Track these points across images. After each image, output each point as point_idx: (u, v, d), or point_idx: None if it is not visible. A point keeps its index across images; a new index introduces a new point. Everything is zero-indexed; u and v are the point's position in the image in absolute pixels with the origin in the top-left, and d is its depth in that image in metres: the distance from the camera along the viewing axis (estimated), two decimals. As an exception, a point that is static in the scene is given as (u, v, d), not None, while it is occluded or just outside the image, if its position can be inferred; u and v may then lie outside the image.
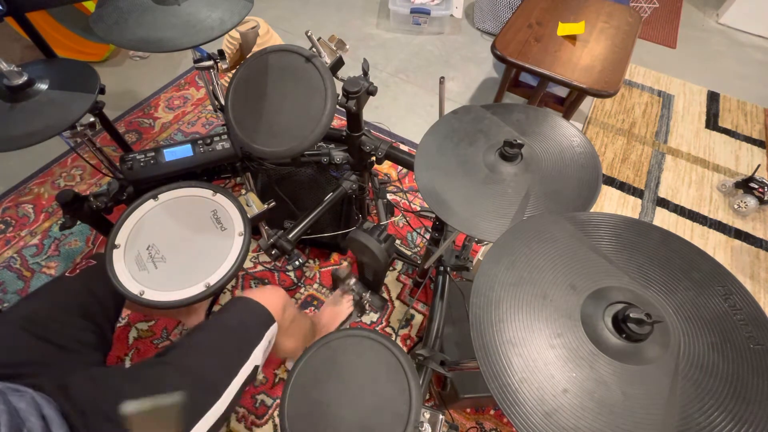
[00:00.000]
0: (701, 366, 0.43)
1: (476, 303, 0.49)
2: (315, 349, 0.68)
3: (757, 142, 1.94)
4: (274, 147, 0.82)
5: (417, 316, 1.34)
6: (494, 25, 2.28)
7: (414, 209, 1.59)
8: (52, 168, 1.66)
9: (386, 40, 2.31)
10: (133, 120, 1.83)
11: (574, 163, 0.70)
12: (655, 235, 0.54)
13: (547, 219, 0.57)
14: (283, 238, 0.98)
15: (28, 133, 0.78)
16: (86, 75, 0.91)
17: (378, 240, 0.91)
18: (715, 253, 1.57)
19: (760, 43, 2.47)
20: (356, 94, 0.83)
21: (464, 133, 0.76)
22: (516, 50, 1.59)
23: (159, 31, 0.84)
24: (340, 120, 1.87)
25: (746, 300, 0.47)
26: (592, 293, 0.49)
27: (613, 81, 1.48)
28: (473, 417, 1.17)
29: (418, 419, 0.61)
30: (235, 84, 0.87)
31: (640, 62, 2.27)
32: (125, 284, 0.74)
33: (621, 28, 1.72)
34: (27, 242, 1.45)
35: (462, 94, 2.07)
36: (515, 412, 0.41)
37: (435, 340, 1.02)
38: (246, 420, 1.14)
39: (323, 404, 0.62)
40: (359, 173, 1.11)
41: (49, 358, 0.65)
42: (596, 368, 0.43)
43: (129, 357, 1.23)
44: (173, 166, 0.97)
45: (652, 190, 1.75)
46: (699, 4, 2.73)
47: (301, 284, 1.40)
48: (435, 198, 0.68)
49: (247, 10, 0.89)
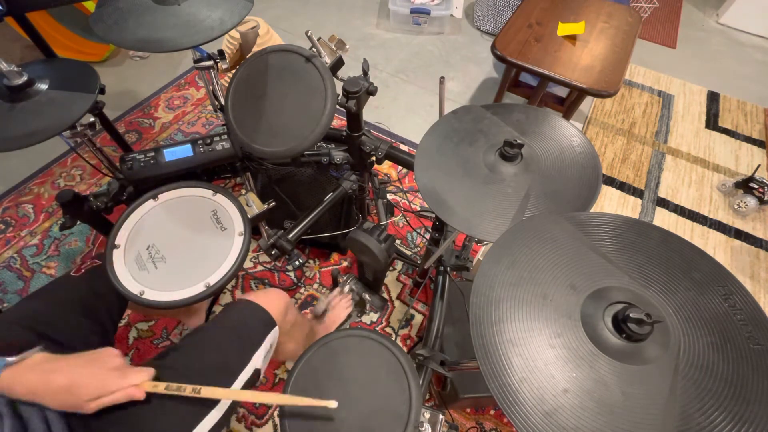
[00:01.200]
0: (701, 366, 0.43)
1: (476, 303, 0.49)
2: (315, 349, 0.68)
3: (757, 142, 1.94)
4: (274, 147, 0.82)
5: (417, 316, 1.34)
6: (494, 25, 2.28)
7: (414, 209, 1.59)
8: (52, 168, 1.66)
9: (386, 40, 2.31)
10: (133, 120, 1.83)
11: (574, 163, 0.70)
12: (655, 235, 0.54)
13: (547, 219, 0.57)
14: (283, 238, 0.98)
15: (28, 133, 0.78)
16: (86, 75, 0.91)
17: (378, 240, 0.91)
18: (715, 253, 1.57)
19: (760, 43, 2.48)
20: (356, 94, 0.83)
21: (464, 133, 0.76)
22: (516, 50, 1.59)
23: (159, 31, 0.84)
24: (340, 120, 1.87)
25: (746, 300, 0.47)
26: (592, 293, 0.49)
27: (613, 81, 1.48)
28: (473, 417, 1.17)
29: (418, 419, 0.61)
30: (235, 84, 0.87)
31: (640, 62, 2.27)
32: (125, 284, 0.74)
33: (621, 28, 1.72)
34: (27, 242, 1.45)
35: (462, 94, 2.07)
36: (515, 412, 0.41)
37: (435, 340, 1.02)
38: (246, 420, 1.14)
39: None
40: (359, 173, 1.11)
41: None
42: (596, 368, 0.43)
43: (129, 357, 1.22)
44: (173, 166, 0.97)
45: (652, 190, 1.75)
46: (699, 4, 2.73)
47: (301, 284, 1.40)
48: (435, 198, 0.68)
49: (247, 10, 0.89)
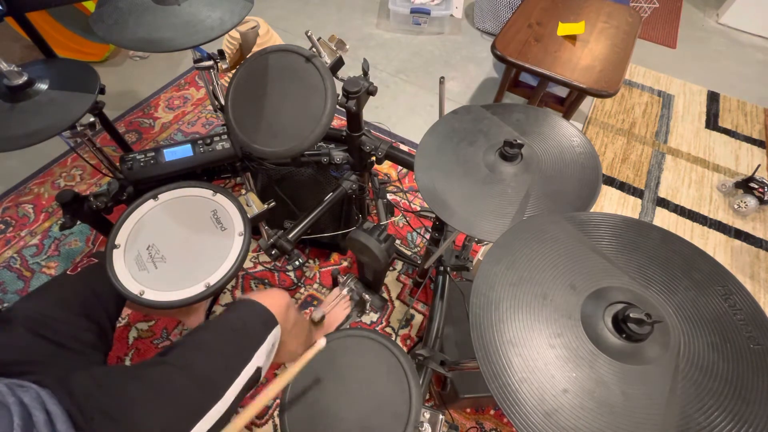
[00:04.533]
0: (701, 366, 0.43)
1: (476, 303, 0.49)
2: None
3: (757, 142, 1.94)
4: (274, 147, 0.82)
5: (417, 316, 1.34)
6: (494, 25, 2.28)
7: (414, 209, 1.59)
8: (52, 168, 1.66)
9: (386, 40, 2.31)
10: (133, 120, 1.83)
11: (574, 163, 0.70)
12: (655, 235, 0.54)
13: (547, 219, 0.57)
14: (283, 238, 0.98)
15: (28, 133, 0.78)
16: (86, 75, 0.91)
17: (378, 240, 0.91)
18: (715, 253, 1.57)
19: (760, 43, 2.47)
20: (356, 94, 0.83)
21: (464, 133, 0.76)
22: (516, 50, 1.59)
23: (159, 31, 0.84)
24: (340, 120, 1.87)
25: (746, 300, 0.46)
26: (592, 293, 0.49)
27: (613, 81, 1.48)
28: (473, 417, 1.17)
29: (418, 419, 0.61)
30: (235, 84, 0.87)
31: (640, 62, 2.27)
32: (125, 284, 0.74)
33: (621, 28, 1.72)
34: (27, 242, 1.45)
35: (462, 94, 2.07)
36: (515, 412, 0.41)
37: (435, 340, 1.02)
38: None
39: (323, 404, 0.62)
40: (359, 173, 1.11)
41: (49, 357, 0.65)
42: (596, 368, 0.43)
43: (129, 357, 1.22)
44: (173, 166, 0.97)
45: (652, 190, 1.75)
46: (699, 4, 2.73)
47: (301, 284, 1.40)
48: (435, 198, 0.68)
49: (247, 10, 0.89)
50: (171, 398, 0.61)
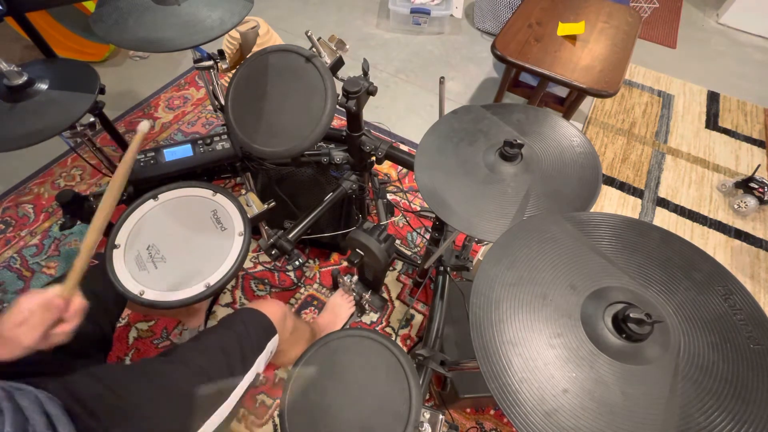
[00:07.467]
0: (701, 366, 0.43)
1: (476, 303, 0.49)
2: (315, 349, 0.68)
3: (757, 142, 1.94)
4: (274, 147, 0.82)
5: (417, 316, 1.34)
6: (494, 25, 2.28)
7: (414, 209, 1.59)
8: (52, 168, 1.66)
9: (386, 40, 2.31)
10: (133, 120, 1.83)
11: (574, 163, 0.70)
12: (655, 235, 0.54)
13: (547, 219, 0.57)
14: (283, 238, 0.98)
15: (28, 133, 0.78)
16: (86, 75, 0.91)
17: (378, 240, 0.91)
18: (715, 253, 1.57)
19: (760, 43, 2.47)
20: (356, 94, 0.83)
21: (464, 133, 0.76)
22: (516, 50, 1.59)
23: (159, 31, 0.84)
24: (340, 120, 1.87)
25: (746, 300, 0.46)
26: (592, 293, 0.48)
27: (613, 81, 1.48)
28: (473, 417, 1.17)
29: (418, 419, 0.61)
30: (235, 84, 0.87)
31: (640, 62, 2.27)
32: (125, 284, 0.74)
33: (621, 28, 1.72)
34: (27, 242, 1.44)
35: (462, 94, 2.07)
36: (515, 412, 0.41)
37: (435, 340, 1.02)
38: (246, 420, 1.14)
39: (323, 404, 0.62)
40: (359, 173, 1.11)
41: (49, 357, 0.65)
42: (596, 368, 0.43)
43: (129, 357, 1.22)
44: (173, 166, 0.97)
45: (652, 190, 1.75)
46: (699, 4, 2.73)
47: (301, 284, 1.39)
48: (435, 198, 0.68)
49: (247, 10, 0.89)
50: (181, 397, 0.61)
